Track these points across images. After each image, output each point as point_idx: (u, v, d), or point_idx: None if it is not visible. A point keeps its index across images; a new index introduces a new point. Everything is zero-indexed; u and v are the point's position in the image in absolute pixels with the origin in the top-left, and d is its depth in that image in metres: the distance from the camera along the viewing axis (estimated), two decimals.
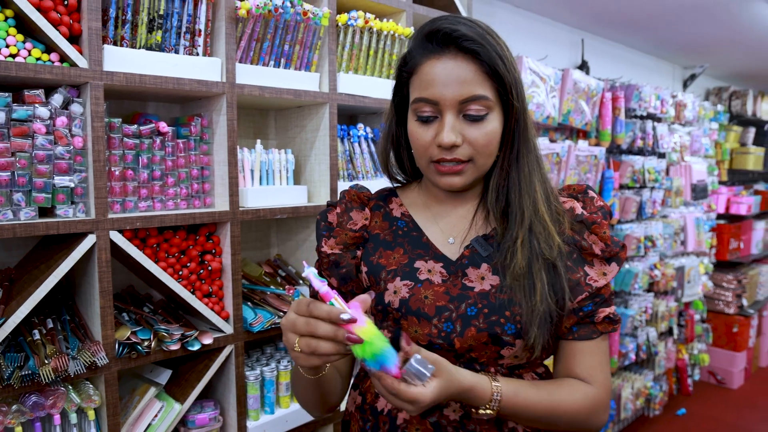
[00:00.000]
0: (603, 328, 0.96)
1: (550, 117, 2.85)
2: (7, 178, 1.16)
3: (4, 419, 1.16)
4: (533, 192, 0.95)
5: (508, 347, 0.91)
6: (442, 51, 0.90)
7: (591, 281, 0.95)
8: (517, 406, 0.89)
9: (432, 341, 0.92)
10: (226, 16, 1.41)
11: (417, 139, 0.94)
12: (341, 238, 1.02)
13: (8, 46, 1.16)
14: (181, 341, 1.36)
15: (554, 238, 0.93)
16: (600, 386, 0.97)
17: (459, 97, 0.89)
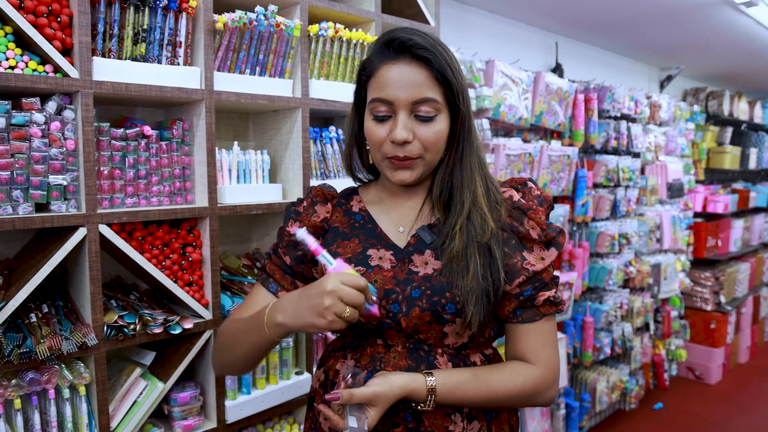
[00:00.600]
0: (545, 311, 1.08)
1: (523, 118, 3.03)
2: (6, 177, 1.33)
3: (4, 392, 1.32)
4: (474, 186, 1.09)
5: (449, 324, 1.05)
6: (398, 57, 1.04)
7: (528, 265, 1.07)
8: (454, 398, 1.04)
9: (381, 321, 1.06)
10: (205, 29, 1.59)
11: (372, 135, 1.08)
12: (304, 224, 1.18)
13: (7, 59, 1.33)
14: (164, 325, 1.53)
15: (489, 224, 1.06)
16: (543, 366, 1.08)
17: (411, 98, 1.03)
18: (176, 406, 1.62)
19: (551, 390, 1.10)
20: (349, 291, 0.93)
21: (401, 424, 1.06)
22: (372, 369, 1.08)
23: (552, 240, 1.10)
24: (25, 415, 1.40)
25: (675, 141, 4.27)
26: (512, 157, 2.97)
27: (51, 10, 1.36)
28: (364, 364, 1.09)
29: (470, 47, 2.98)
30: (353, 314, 0.93)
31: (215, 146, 1.63)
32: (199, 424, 1.65)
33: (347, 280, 0.93)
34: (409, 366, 1.07)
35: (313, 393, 1.21)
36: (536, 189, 1.15)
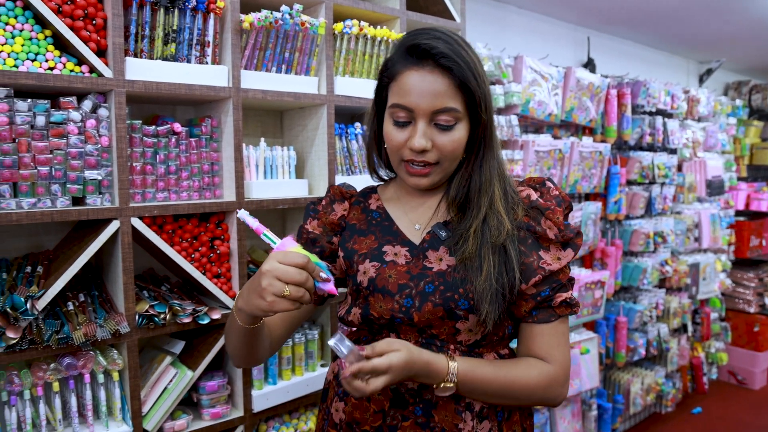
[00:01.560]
0: (561, 312, 1.10)
1: (553, 114, 3.05)
2: (46, 172, 1.43)
3: (44, 375, 1.42)
4: (491, 191, 1.11)
5: (462, 321, 1.08)
6: (421, 64, 1.05)
7: (544, 264, 1.08)
8: (474, 381, 1.04)
9: (394, 315, 1.10)
10: (232, 29, 1.67)
11: (391, 139, 1.10)
12: (322, 221, 1.24)
13: (47, 61, 1.43)
14: (193, 315, 1.62)
15: (505, 225, 1.08)
16: (557, 364, 1.09)
17: (432, 107, 1.05)
18: (204, 394, 1.71)
19: (563, 388, 1.12)
20: (286, 269, 0.91)
21: (410, 418, 1.09)
22: None
23: (569, 241, 1.11)
24: (63, 398, 1.50)
25: (715, 137, 4.21)
26: (541, 153, 2.98)
27: (87, 13, 1.45)
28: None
29: (498, 43, 3.01)
30: (296, 292, 0.92)
31: (242, 142, 1.71)
32: (226, 412, 1.73)
33: (284, 259, 0.92)
34: None
35: (327, 385, 1.26)
36: (555, 189, 1.16)
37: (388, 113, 1.11)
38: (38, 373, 1.42)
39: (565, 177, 3.14)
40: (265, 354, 1.18)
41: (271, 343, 1.19)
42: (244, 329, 1.04)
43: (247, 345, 1.10)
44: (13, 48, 1.39)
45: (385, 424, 1.11)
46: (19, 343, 1.37)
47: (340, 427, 1.16)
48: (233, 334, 1.09)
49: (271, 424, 1.88)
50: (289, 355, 1.87)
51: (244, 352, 1.12)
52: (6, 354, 1.36)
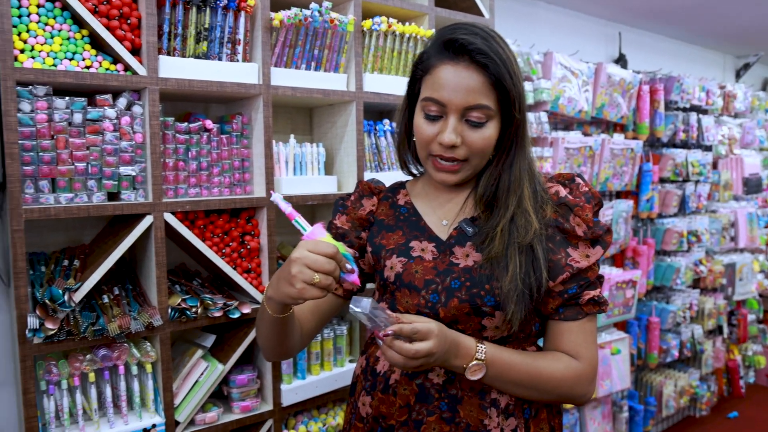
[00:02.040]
0: (588, 310, 1.09)
1: (583, 111, 3.02)
2: (82, 168, 1.47)
3: (80, 366, 1.47)
4: (520, 191, 1.11)
5: (488, 318, 1.08)
6: (456, 59, 1.04)
7: (572, 262, 1.08)
8: (502, 364, 1.04)
9: (420, 311, 1.10)
10: (262, 27, 1.70)
11: (421, 133, 1.10)
12: (350, 217, 1.26)
13: (84, 60, 1.48)
14: (224, 310, 1.65)
15: (533, 225, 1.06)
16: (584, 361, 1.09)
17: (464, 103, 1.04)
18: (235, 388, 1.74)
19: (590, 386, 1.11)
20: (315, 257, 0.93)
21: (436, 413, 1.10)
22: None
23: (598, 238, 1.10)
24: (98, 389, 1.55)
25: (753, 133, 4.12)
26: (571, 150, 2.97)
27: (122, 13, 1.49)
28: None
29: (527, 39, 3.00)
30: (324, 280, 0.93)
31: (272, 139, 1.74)
32: (256, 405, 1.77)
33: (314, 248, 0.94)
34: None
35: (355, 380, 1.26)
36: (584, 185, 1.15)
37: (419, 106, 1.11)
38: (75, 364, 1.46)
39: (595, 174, 3.11)
40: (295, 347, 1.19)
41: (301, 337, 1.20)
42: (274, 319, 1.05)
43: (278, 335, 1.11)
44: (51, 47, 1.43)
45: (410, 419, 1.11)
46: (56, 334, 1.41)
47: (366, 421, 1.18)
48: (264, 324, 1.10)
49: (300, 419, 1.91)
50: (318, 350, 1.89)
51: (274, 343, 1.13)
52: (45, 344, 1.41)
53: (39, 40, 1.42)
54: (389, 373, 1.15)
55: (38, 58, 1.42)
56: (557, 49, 2.96)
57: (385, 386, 1.15)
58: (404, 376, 1.13)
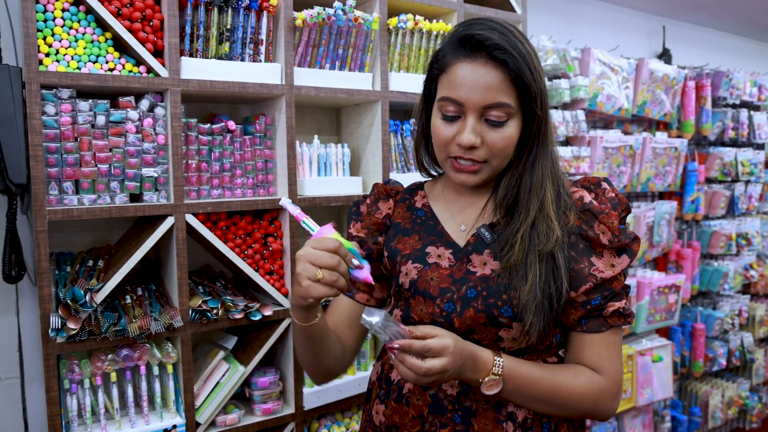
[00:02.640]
0: (613, 322, 1.04)
1: (623, 108, 2.94)
2: (106, 170, 1.50)
3: (102, 365, 1.50)
4: (543, 193, 1.06)
5: (506, 329, 1.04)
6: (474, 56, 1.00)
7: (596, 272, 1.02)
8: (520, 379, 1.00)
9: (435, 320, 1.07)
10: (285, 26, 1.70)
11: (439, 134, 1.05)
12: (366, 223, 1.22)
13: (107, 62, 1.50)
14: (245, 312, 1.66)
15: (555, 232, 1.01)
16: (608, 376, 1.04)
17: (483, 102, 0.99)
18: (256, 390, 1.75)
19: (613, 402, 1.07)
20: (317, 253, 0.92)
21: (449, 425, 1.07)
22: None
23: (625, 247, 1.05)
24: (120, 388, 1.57)
25: None
26: (610, 150, 2.88)
27: (144, 15, 1.51)
28: None
29: (564, 35, 2.92)
30: (329, 276, 0.92)
31: (295, 140, 1.74)
32: (278, 408, 1.77)
33: (317, 244, 0.93)
34: None
35: (371, 386, 1.24)
36: (611, 191, 1.10)
37: (436, 107, 1.07)
38: (97, 363, 1.49)
39: (636, 174, 3.02)
40: (338, 364, 1.16)
41: (343, 353, 1.16)
42: (302, 329, 1.03)
43: (312, 349, 1.09)
44: (75, 51, 1.46)
45: (423, 430, 1.09)
46: (78, 333, 1.44)
47: (379, 430, 1.16)
48: (297, 338, 1.09)
49: (323, 422, 1.90)
50: None
51: (311, 358, 1.11)
52: (67, 343, 1.44)
53: (63, 43, 1.45)
54: (403, 382, 1.13)
55: (63, 62, 1.45)
56: (596, 45, 2.88)
57: (399, 395, 1.13)
58: (417, 385, 1.10)
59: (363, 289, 1.20)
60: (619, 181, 2.96)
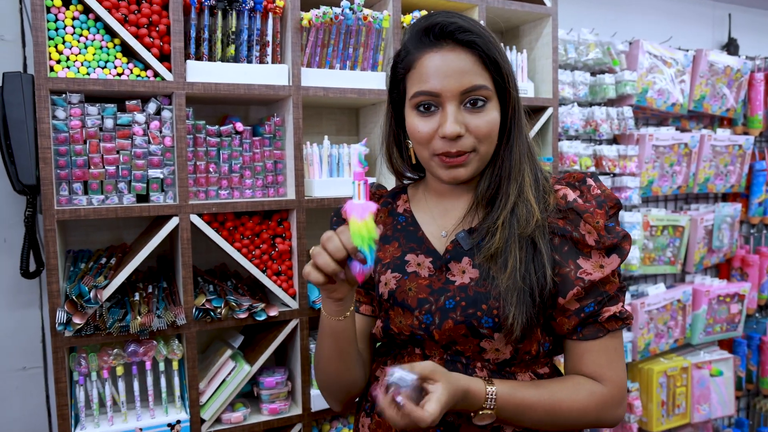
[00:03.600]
0: (610, 326, 1.00)
1: (677, 104, 2.78)
2: (114, 171, 1.57)
3: (108, 359, 1.57)
4: (521, 178, 1.03)
5: (487, 339, 1.00)
6: (440, 44, 0.98)
7: (583, 274, 0.98)
8: (515, 406, 0.96)
9: (414, 332, 1.04)
10: (292, 27, 1.71)
11: (418, 132, 1.01)
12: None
13: (116, 67, 1.57)
14: (249, 311, 1.69)
15: (535, 215, 0.99)
16: (609, 384, 1.00)
17: (460, 87, 0.97)
18: (264, 389, 1.78)
19: (619, 409, 1.02)
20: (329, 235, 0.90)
21: None
22: None
23: (614, 246, 1.00)
24: (128, 382, 1.64)
25: None
26: (662, 148, 2.73)
27: (151, 21, 1.57)
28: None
29: (608, 27, 2.79)
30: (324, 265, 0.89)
31: (302, 141, 1.75)
32: (284, 408, 1.79)
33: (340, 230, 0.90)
34: None
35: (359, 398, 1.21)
36: (596, 187, 1.05)
37: (409, 106, 1.04)
38: (103, 357, 1.57)
39: (692, 174, 2.85)
40: (359, 377, 1.11)
41: (363, 366, 1.13)
42: (331, 327, 1.01)
43: (338, 351, 1.04)
44: (85, 57, 1.54)
45: None
46: (84, 328, 1.52)
47: None
48: (323, 341, 1.05)
49: (335, 425, 1.91)
50: None
51: (335, 366, 1.06)
52: (75, 337, 1.52)
53: (74, 50, 1.53)
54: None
55: (73, 68, 1.53)
56: (645, 37, 2.74)
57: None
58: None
59: (364, 300, 1.18)
60: (673, 182, 2.80)
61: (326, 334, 1.03)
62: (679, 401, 2.86)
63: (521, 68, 2.13)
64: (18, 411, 1.78)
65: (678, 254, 2.90)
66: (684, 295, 2.86)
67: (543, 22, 2.17)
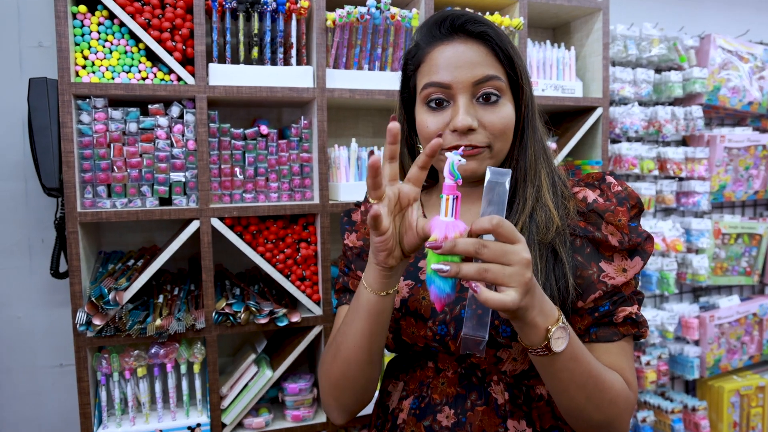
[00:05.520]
0: (625, 330, 0.90)
1: (755, 103, 2.46)
2: (137, 174, 1.53)
3: (129, 360, 1.53)
4: (538, 181, 0.94)
5: (504, 349, 0.91)
6: (451, 37, 0.92)
7: (606, 278, 0.90)
8: (577, 348, 0.80)
9: (428, 343, 0.95)
10: (317, 28, 1.61)
11: (427, 127, 0.92)
12: (362, 233, 1.09)
13: (140, 71, 1.53)
14: (270, 317, 1.60)
15: (554, 220, 0.90)
16: (632, 387, 0.90)
17: (472, 78, 0.89)
18: (288, 396, 1.69)
19: (631, 416, 0.91)
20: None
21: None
22: (419, 395, 0.98)
23: (637, 247, 0.91)
24: (150, 384, 1.60)
25: None
26: (736, 150, 2.42)
27: (174, 25, 1.52)
28: (412, 388, 1.00)
29: (674, 21, 2.50)
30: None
31: (326, 144, 1.65)
32: (308, 415, 1.69)
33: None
34: (458, 393, 0.95)
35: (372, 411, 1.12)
36: (616, 184, 0.95)
37: (420, 99, 0.94)
38: (125, 359, 1.52)
39: None
40: (376, 378, 0.96)
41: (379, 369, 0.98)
42: (373, 305, 0.85)
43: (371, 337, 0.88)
44: (110, 62, 1.51)
45: None
46: (105, 329, 1.48)
47: None
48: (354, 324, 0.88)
49: None
50: None
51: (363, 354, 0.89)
52: (97, 338, 1.49)
53: (99, 55, 1.50)
54: (397, 412, 1.01)
55: (98, 73, 1.50)
56: (717, 31, 2.43)
57: (393, 426, 1.01)
58: (411, 416, 0.98)
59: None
60: (749, 186, 2.48)
61: (361, 314, 0.86)
62: (754, 423, 2.54)
63: (568, 66, 1.92)
64: (54, 406, 1.78)
65: (755, 264, 2.57)
66: (761, 308, 2.52)
67: (594, 17, 1.96)
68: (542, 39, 2.10)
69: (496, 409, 0.93)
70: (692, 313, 2.43)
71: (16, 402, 1.74)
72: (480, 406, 0.94)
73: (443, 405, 0.96)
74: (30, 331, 1.74)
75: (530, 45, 1.88)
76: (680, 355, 2.45)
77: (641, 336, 0.91)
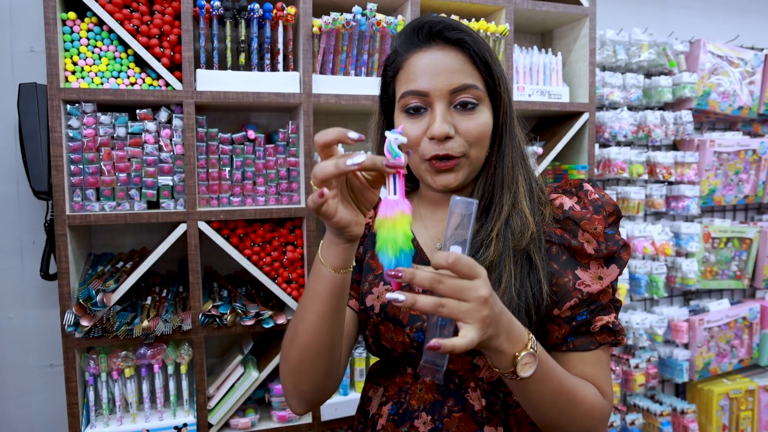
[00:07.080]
0: (602, 339, 0.90)
1: (745, 107, 2.45)
2: (125, 178, 1.54)
3: (117, 361, 1.54)
4: (515, 187, 0.94)
5: (480, 356, 0.90)
6: (429, 44, 0.91)
7: (582, 286, 0.89)
8: (547, 367, 0.80)
9: (406, 350, 0.95)
10: (304, 34, 1.62)
11: (407, 135, 0.90)
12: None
13: (128, 77, 1.54)
14: (256, 318, 1.61)
15: (530, 227, 0.90)
16: (607, 398, 0.90)
17: (449, 86, 0.88)
18: (274, 396, 1.69)
19: (607, 426, 0.92)
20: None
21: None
22: (397, 401, 0.98)
23: (613, 255, 0.91)
24: (138, 384, 1.61)
25: None
26: (725, 155, 2.41)
27: (162, 31, 1.53)
28: (391, 394, 1.00)
29: (664, 26, 2.49)
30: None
31: (313, 148, 1.65)
32: (294, 416, 1.70)
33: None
34: (435, 400, 0.95)
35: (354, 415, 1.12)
36: (594, 192, 0.95)
37: (398, 109, 0.94)
38: (112, 359, 1.53)
39: (762, 183, 2.50)
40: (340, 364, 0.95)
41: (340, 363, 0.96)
42: (328, 282, 0.83)
43: (326, 318, 0.85)
44: (99, 68, 1.52)
45: None
46: (92, 330, 1.49)
47: None
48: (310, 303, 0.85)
49: None
50: (362, 366, 1.77)
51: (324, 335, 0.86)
52: (85, 339, 1.50)
53: (88, 61, 1.51)
54: (377, 417, 1.01)
55: (87, 78, 1.51)
56: (707, 36, 2.42)
57: (373, 431, 1.01)
58: (390, 422, 0.98)
59: (354, 295, 1.05)
60: (738, 191, 2.47)
61: (322, 296, 0.83)
62: (743, 426, 2.53)
63: (555, 71, 1.92)
64: (43, 406, 1.79)
65: (745, 268, 2.56)
66: (750, 312, 2.51)
67: (580, 23, 1.95)
68: (530, 44, 2.10)
69: (473, 416, 0.93)
70: (682, 317, 2.43)
71: (7, 401, 1.76)
72: (457, 412, 0.94)
73: (421, 411, 0.95)
74: (21, 332, 1.75)
75: (517, 50, 1.88)
76: (670, 359, 2.44)
77: (618, 344, 0.92)
